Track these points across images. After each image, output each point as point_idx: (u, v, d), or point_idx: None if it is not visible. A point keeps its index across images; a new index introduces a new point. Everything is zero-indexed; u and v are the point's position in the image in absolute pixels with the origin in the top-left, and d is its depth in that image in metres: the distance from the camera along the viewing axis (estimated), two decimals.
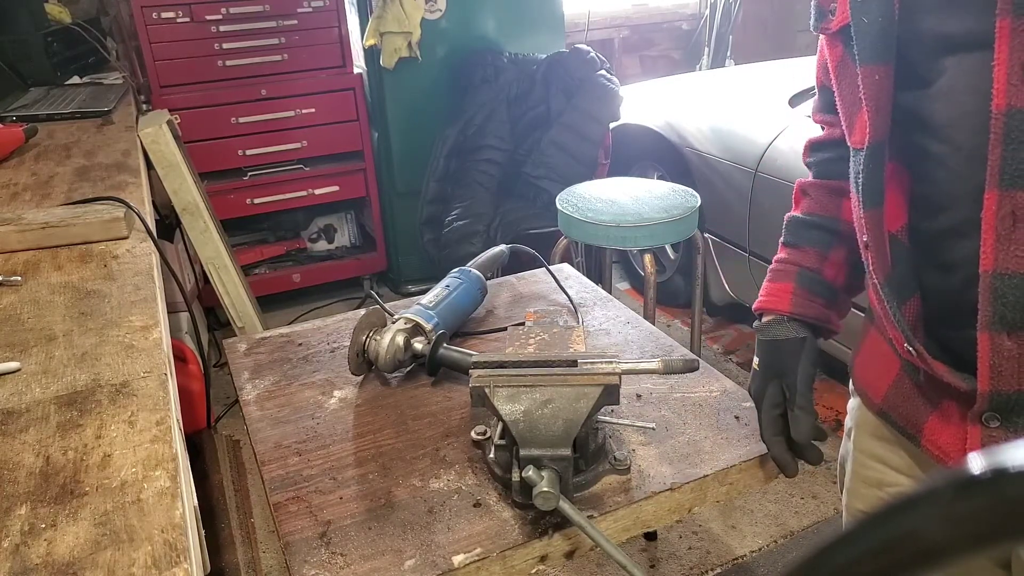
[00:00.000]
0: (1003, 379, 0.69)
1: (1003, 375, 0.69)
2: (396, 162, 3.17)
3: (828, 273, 0.96)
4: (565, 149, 2.87)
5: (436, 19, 3.02)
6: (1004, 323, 0.67)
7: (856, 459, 1.00)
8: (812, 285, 0.96)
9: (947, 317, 0.77)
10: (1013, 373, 0.69)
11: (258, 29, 2.90)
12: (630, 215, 2.14)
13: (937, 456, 0.82)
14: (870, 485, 0.98)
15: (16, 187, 1.56)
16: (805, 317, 0.95)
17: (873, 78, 0.72)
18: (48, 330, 1.00)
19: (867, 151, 0.74)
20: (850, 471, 1.02)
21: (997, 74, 0.62)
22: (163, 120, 2.20)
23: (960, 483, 0.22)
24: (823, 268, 0.96)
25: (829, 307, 0.96)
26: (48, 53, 2.48)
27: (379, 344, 1.14)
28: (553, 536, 0.87)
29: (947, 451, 0.80)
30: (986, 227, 0.66)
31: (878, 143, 0.74)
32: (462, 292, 1.29)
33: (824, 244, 0.96)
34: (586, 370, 0.93)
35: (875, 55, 0.72)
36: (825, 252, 0.96)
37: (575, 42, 3.24)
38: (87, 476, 0.73)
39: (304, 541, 0.87)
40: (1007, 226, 0.65)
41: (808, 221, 0.98)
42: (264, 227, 3.34)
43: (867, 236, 0.78)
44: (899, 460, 0.93)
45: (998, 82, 0.62)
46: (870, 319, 0.94)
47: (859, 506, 1.01)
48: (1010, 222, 0.65)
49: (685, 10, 4.41)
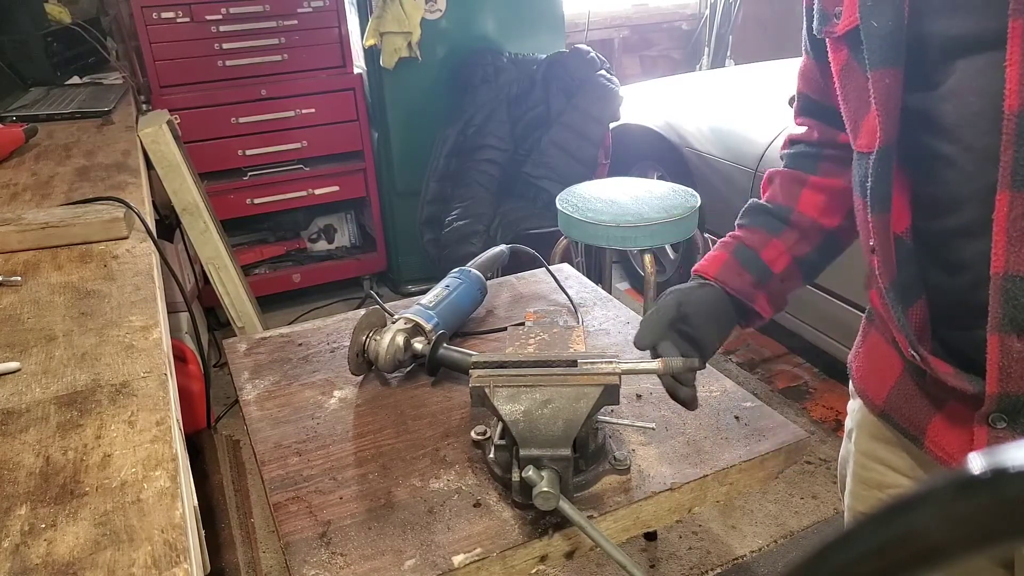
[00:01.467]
0: (1012, 381, 0.69)
1: (1012, 377, 0.69)
2: (396, 162, 3.17)
3: (767, 254, 0.97)
4: (565, 149, 2.87)
5: (436, 19, 3.02)
6: (1014, 325, 0.67)
7: (857, 461, 1.00)
8: (746, 260, 0.96)
9: (954, 319, 0.76)
10: (1022, 375, 0.68)
11: (258, 29, 2.90)
12: (630, 215, 2.14)
13: (941, 458, 0.82)
14: (871, 487, 0.98)
15: (16, 187, 1.56)
16: (727, 286, 0.95)
17: (884, 82, 0.71)
18: (48, 330, 1.00)
19: (877, 155, 0.74)
20: (851, 473, 1.02)
21: (1010, 75, 0.62)
22: (163, 120, 2.20)
23: (960, 483, 0.22)
24: (763, 249, 0.97)
25: (757, 286, 0.96)
26: (48, 53, 2.48)
27: (379, 344, 1.14)
28: (553, 536, 0.87)
29: (951, 453, 0.80)
30: (997, 229, 0.65)
31: (888, 146, 0.73)
32: (462, 292, 1.29)
33: (772, 229, 0.97)
34: (586, 370, 0.93)
35: (885, 59, 0.71)
36: (771, 236, 0.97)
37: (575, 42, 3.24)
38: (87, 476, 0.73)
39: (304, 541, 0.87)
40: (1019, 228, 0.64)
41: (764, 207, 1.00)
42: (264, 227, 3.34)
43: (874, 240, 0.77)
44: (900, 462, 0.93)
45: (1011, 83, 0.62)
46: (870, 320, 0.94)
47: (860, 508, 1.01)
48: (1022, 224, 0.64)
49: (685, 10, 4.41)
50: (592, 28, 4.06)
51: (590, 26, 4.03)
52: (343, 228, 3.48)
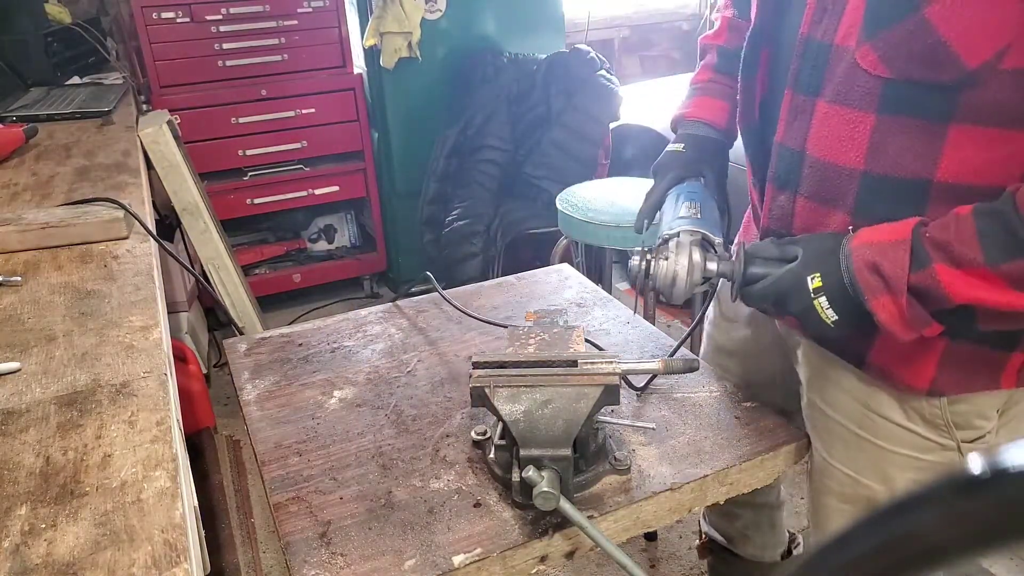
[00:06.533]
0: (773, 219, 0.99)
1: (773, 216, 0.99)
2: (396, 162, 3.17)
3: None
4: (565, 149, 2.87)
5: (436, 19, 3.02)
6: (777, 180, 0.97)
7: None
8: (716, 93, 1.17)
9: (759, 172, 1.05)
10: (779, 215, 0.98)
11: (258, 29, 2.90)
12: (630, 215, 2.14)
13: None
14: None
15: (16, 187, 1.56)
16: (730, 140, 1.17)
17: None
18: (48, 330, 1.00)
19: (748, 37, 1.03)
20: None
21: (807, 10, 0.88)
22: (163, 120, 2.20)
23: (960, 483, 0.22)
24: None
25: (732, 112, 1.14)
26: (48, 53, 2.47)
27: (672, 265, 0.93)
28: (553, 536, 0.87)
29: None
30: (782, 113, 0.94)
31: (755, 32, 1.02)
32: (707, 198, 1.07)
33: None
34: (586, 370, 0.93)
35: None
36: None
37: (575, 42, 3.23)
38: (87, 476, 0.73)
39: (304, 541, 0.87)
40: (794, 114, 0.92)
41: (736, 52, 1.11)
42: (264, 227, 3.34)
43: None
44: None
45: (807, 15, 0.88)
46: None
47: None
48: (795, 112, 0.92)
49: (685, 10, 4.41)
50: (592, 28, 4.06)
51: (590, 26, 4.03)
52: (343, 228, 3.48)
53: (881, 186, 0.86)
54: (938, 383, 0.90)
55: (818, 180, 0.91)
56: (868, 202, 0.87)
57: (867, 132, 0.84)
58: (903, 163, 0.83)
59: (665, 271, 0.94)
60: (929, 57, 0.77)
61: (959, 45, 0.75)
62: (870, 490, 1.01)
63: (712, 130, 1.16)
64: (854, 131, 0.85)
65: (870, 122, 0.84)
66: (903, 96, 0.81)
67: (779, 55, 0.96)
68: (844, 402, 1.00)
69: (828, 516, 1.08)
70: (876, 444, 0.98)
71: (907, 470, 0.98)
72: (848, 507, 1.05)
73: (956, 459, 0.96)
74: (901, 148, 0.83)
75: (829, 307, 0.85)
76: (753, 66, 1.00)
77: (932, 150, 0.81)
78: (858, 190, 0.88)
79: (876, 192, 0.86)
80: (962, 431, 0.94)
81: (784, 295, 0.88)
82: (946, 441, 0.95)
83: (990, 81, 0.76)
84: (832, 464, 1.04)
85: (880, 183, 0.86)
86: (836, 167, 0.88)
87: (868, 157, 0.85)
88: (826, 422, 1.03)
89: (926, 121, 0.80)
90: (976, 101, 0.77)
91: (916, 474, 0.98)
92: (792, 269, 0.87)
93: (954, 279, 0.77)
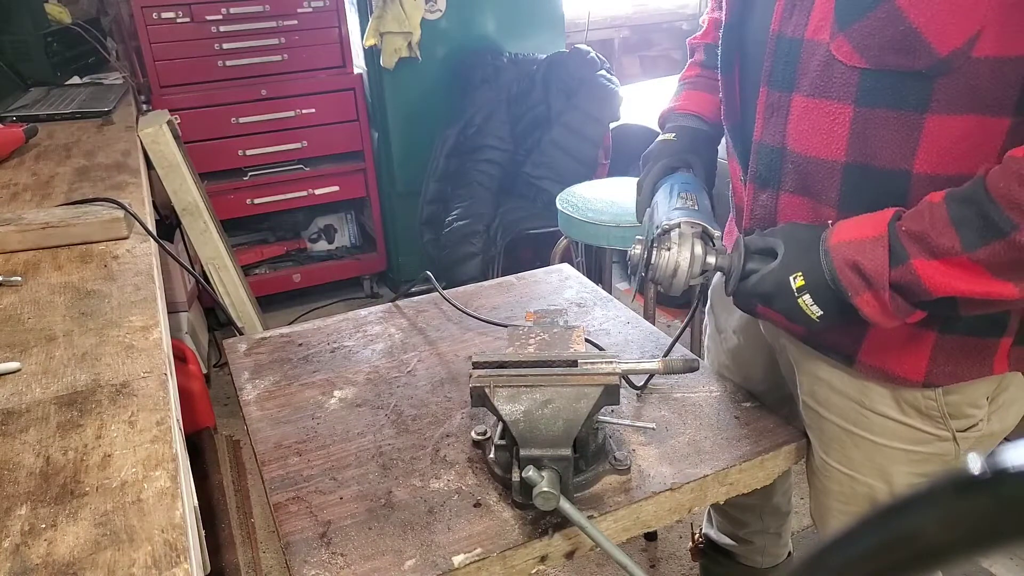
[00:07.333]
0: (756, 220, 1.01)
1: (756, 217, 1.01)
2: (396, 162, 3.17)
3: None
4: (565, 149, 2.87)
5: (436, 19, 3.02)
6: (756, 178, 0.98)
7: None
8: (704, 87, 1.18)
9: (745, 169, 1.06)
10: (762, 214, 1.00)
11: (258, 29, 2.90)
12: (630, 215, 2.14)
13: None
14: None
15: (16, 187, 1.56)
16: (718, 134, 1.15)
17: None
18: (48, 330, 1.00)
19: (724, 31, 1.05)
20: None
21: (777, 8, 0.89)
22: (163, 120, 2.20)
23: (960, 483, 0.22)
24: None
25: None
26: (48, 53, 2.47)
27: (675, 256, 0.92)
28: (553, 536, 0.87)
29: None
30: (759, 110, 0.94)
31: (729, 24, 1.04)
32: (700, 187, 1.06)
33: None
34: (586, 370, 0.93)
35: None
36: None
37: (575, 42, 3.23)
38: (87, 476, 0.73)
39: (304, 541, 0.87)
40: (770, 111, 0.93)
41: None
42: (264, 227, 3.34)
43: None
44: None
45: (776, 13, 0.89)
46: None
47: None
48: (771, 109, 0.93)
49: (685, 10, 4.41)
50: (592, 28, 4.06)
51: (590, 26, 4.03)
52: (343, 228, 3.48)
53: (864, 177, 0.87)
54: (932, 374, 0.91)
55: (801, 175, 0.92)
56: (852, 194, 0.88)
57: (847, 123, 0.85)
58: (883, 155, 0.84)
59: (667, 262, 0.93)
60: (901, 44, 0.78)
61: (929, 32, 0.76)
62: (869, 487, 1.01)
63: (702, 122, 1.17)
64: (834, 123, 0.86)
65: (849, 113, 0.85)
66: (880, 86, 0.82)
67: (751, 53, 0.97)
68: (836, 401, 1.00)
69: (830, 517, 1.08)
70: (871, 440, 0.98)
71: (904, 464, 0.98)
72: (849, 507, 1.05)
73: (951, 449, 0.96)
74: (881, 140, 0.84)
75: (814, 304, 0.85)
76: (730, 65, 1.02)
77: (910, 141, 0.82)
78: (841, 183, 0.88)
79: (859, 183, 0.87)
80: (955, 420, 0.94)
81: (768, 295, 0.88)
82: (941, 432, 0.95)
83: (963, 68, 0.76)
84: (830, 464, 1.04)
85: (863, 173, 0.87)
86: (818, 161, 0.89)
87: (849, 148, 0.86)
88: (820, 423, 1.04)
89: (903, 112, 0.81)
90: (951, 89, 0.78)
91: (913, 467, 0.98)
92: (774, 270, 0.88)
93: (933, 272, 0.77)
